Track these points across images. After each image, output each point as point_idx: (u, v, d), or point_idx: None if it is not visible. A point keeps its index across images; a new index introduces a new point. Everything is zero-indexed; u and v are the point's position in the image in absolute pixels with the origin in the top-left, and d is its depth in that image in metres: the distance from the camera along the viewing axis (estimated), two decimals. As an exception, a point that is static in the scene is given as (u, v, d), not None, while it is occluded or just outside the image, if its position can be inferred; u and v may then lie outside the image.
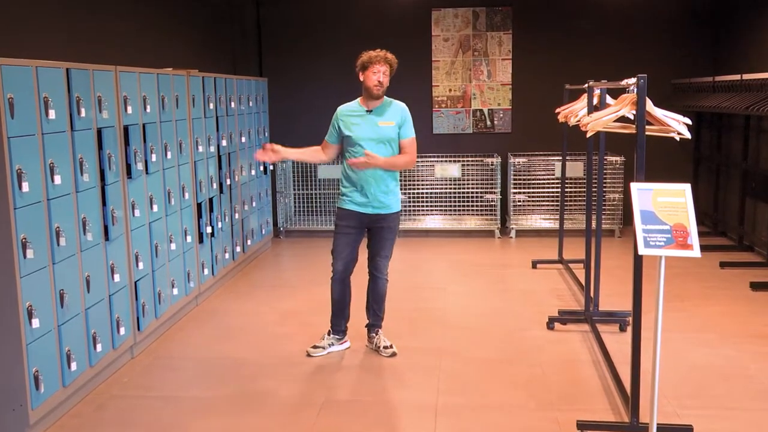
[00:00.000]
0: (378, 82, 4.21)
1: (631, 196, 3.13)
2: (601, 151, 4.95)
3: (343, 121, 4.28)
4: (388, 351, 4.49)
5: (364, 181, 4.26)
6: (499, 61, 8.21)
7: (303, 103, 8.24)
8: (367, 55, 4.25)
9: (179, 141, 5.09)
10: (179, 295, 5.10)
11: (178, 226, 5.07)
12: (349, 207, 4.30)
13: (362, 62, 4.25)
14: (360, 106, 4.31)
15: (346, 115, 4.30)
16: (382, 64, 4.24)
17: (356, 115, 4.29)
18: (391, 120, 4.32)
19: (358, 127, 4.26)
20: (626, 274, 5.93)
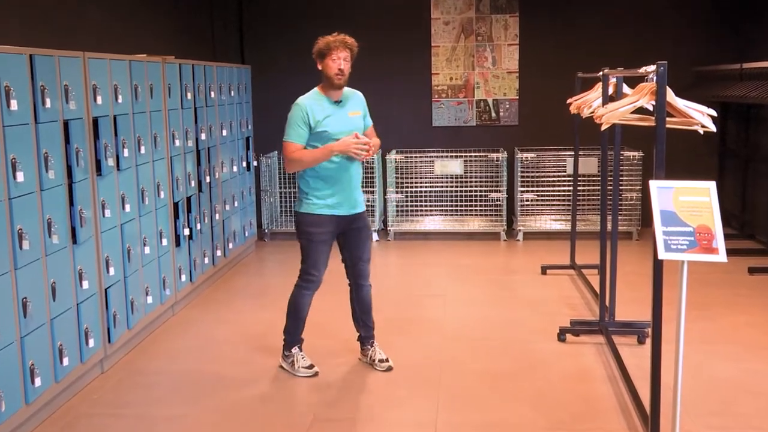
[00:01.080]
0: (339, 71, 4.14)
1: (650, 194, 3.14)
2: (617, 146, 4.96)
3: (314, 115, 4.15)
4: (383, 365, 4.49)
5: (341, 178, 4.22)
6: (504, 46, 8.22)
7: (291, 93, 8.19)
8: (323, 42, 4.17)
9: (154, 134, 5.09)
10: (154, 304, 5.09)
11: (152, 228, 5.06)
12: (323, 212, 4.22)
13: (319, 50, 4.17)
14: (323, 97, 4.22)
15: (316, 108, 4.17)
16: (342, 50, 4.16)
17: (326, 107, 4.20)
18: (358, 109, 4.35)
19: (332, 121, 4.20)
20: (645, 280, 5.94)
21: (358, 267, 4.42)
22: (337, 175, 4.21)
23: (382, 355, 4.55)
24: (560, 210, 8.02)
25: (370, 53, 8.41)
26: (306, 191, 4.24)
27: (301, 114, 4.16)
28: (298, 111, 4.17)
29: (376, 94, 8.42)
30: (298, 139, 4.16)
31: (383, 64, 8.32)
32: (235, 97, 6.89)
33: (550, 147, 8.08)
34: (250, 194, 7.37)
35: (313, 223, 4.23)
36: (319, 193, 4.22)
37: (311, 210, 4.23)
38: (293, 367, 4.44)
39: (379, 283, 6.49)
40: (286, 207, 8.30)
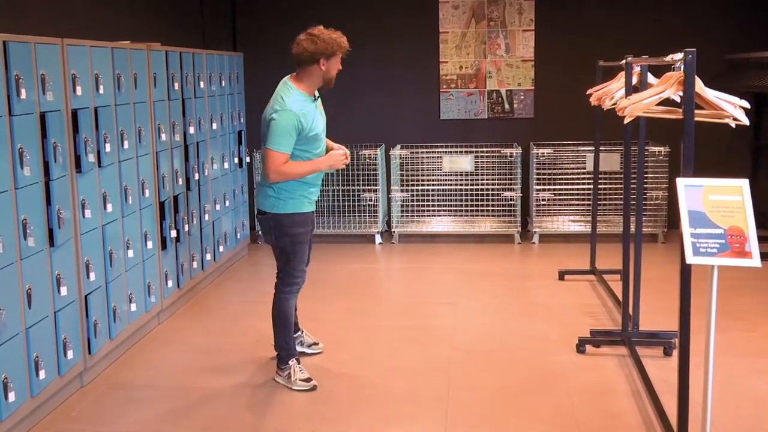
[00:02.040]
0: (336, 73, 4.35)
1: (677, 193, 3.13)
2: (641, 140, 4.95)
3: (305, 120, 4.21)
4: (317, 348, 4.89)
5: (319, 178, 4.44)
6: (519, 32, 8.22)
7: (285, 83, 8.23)
8: (335, 42, 4.24)
9: (138, 128, 5.09)
10: (138, 312, 5.10)
11: (136, 230, 5.06)
12: (307, 209, 4.41)
13: (329, 49, 4.23)
14: (305, 95, 4.29)
15: (307, 112, 4.23)
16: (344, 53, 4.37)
17: (310, 107, 4.29)
18: (320, 101, 4.49)
19: (318, 121, 4.34)
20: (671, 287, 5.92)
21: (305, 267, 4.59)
22: (316, 176, 4.43)
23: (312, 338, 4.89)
24: (579, 210, 8.01)
25: (371, 40, 8.43)
26: (288, 191, 4.31)
27: (295, 123, 4.17)
28: (291, 119, 4.16)
29: (378, 84, 8.48)
30: (287, 149, 4.19)
31: (386, 52, 8.32)
32: (226, 87, 6.89)
33: (569, 142, 8.07)
34: (243, 193, 7.38)
35: (300, 222, 4.37)
36: (304, 191, 4.36)
37: (297, 209, 4.34)
38: (289, 379, 4.45)
39: (382, 290, 6.50)
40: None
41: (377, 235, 7.99)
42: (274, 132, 4.15)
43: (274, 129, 4.15)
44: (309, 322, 5.16)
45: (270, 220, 4.36)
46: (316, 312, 5.61)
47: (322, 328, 5.30)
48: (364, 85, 8.33)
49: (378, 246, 7.91)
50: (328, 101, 4.75)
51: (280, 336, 4.51)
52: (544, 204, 7.95)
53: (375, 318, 5.66)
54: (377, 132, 8.34)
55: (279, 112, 4.16)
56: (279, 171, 4.18)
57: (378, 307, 5.92)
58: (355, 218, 8.16)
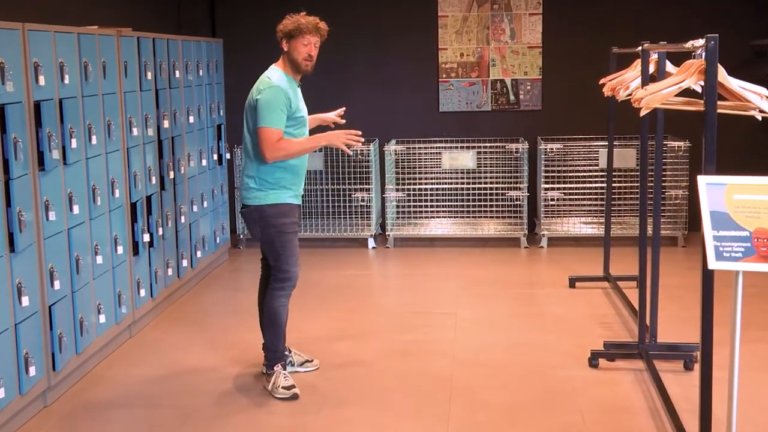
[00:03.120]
0: (309, 56, 4.48)
1: (699, 192, 3.14)
2: (659, 135, 4.95)
3: (292, 98, 4.44)
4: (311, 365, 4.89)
5: (304, 166, 4.60)
6: (525, 16, 8.23)
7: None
8: (293, 22, 4.46)
9: (107, 121, 5.08)
10: (107, 324, 5.09)
11: (105, 234, 5.05)
12: (291, 201, 4.55)
13: (288, 31, 4.46)
14: (290, 78, 4.52)
15: (290, 91, 4.45)
16: (314, 35, 4.48)
17: (295, 89, 4.52)
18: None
19: (302, 104, 4.58)
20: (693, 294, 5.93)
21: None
22: (303, 163, 4.59)
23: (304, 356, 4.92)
24: (592, 211, 8.02)
25: (363, 25, 8.43)
26: (270, 182, 4.48)
27: (283, 98, 4.39)
28: (280, 94, 4.38)
29: (372, 74, 8.48)
30: (280, 125, 4.39)
31: (380, 38, 8.33)
32: (204, 77, 6.89)
33: (580, 136, 8.08)
34: (222, 193, 7.37)
35: (284, 213, 4.52)
36: (286, 182, 4.51)
37: (280, 200, 4.50)
38: (273, 386, 4.53)
39: (376, 299, 6.50)
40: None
41: (370, 239, 7.99)
42: (263, 109, 4.36)
43: (263, 106, 4.36)
44: (295, 334, 5.16)
45: (253, 213, 4.53)
46: (302, 324, 5.60)
47: (310, 342, 5.30)
48: (355, 75, 8.34)
49: (371, 251, 7.91)
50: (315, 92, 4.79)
51: (268, 336, 4.65)
52: (553, 204, 7.95)
53: (368, 330, 5.66)
54: (370, 126, 8.32)
55: (265, 90, 4.39)
56: (276, 147, 4.36)
57: (371, 319, 5.92)
58: (346, 220, 8.16)
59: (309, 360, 4.92)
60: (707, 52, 3.39)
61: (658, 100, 3.85)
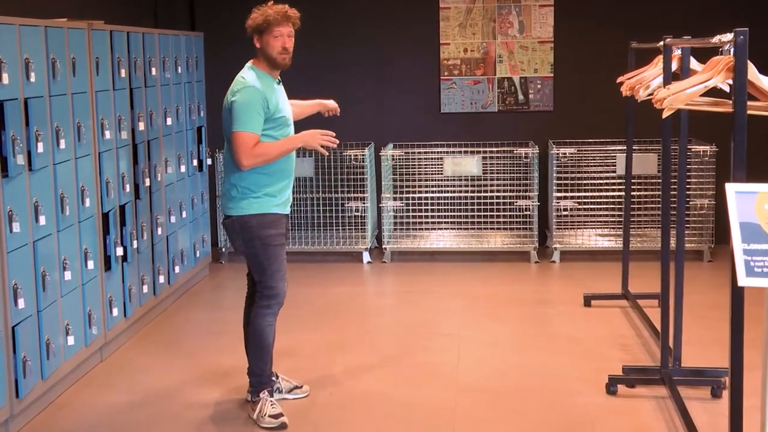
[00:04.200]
0: (283, 50, 4.49)
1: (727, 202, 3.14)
2: (683, 138, 4.96)
3: (270, 99, 4.47)
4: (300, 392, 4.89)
5: (291, 171, 4.63)
6: (535, 8, 8.26)
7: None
8: (261, 15, 4.48)
9: (77, 123, 5.08)
10: (76, 346, 5.08)
11: (75, 247, 5.05)
12: (277, 210, 4.56)
13: (256, 25, 4.49)
14: (267, 76, 4.54)
15: (267, 90, 4.48)
16: (284, 25, 4.49)
17: (274, 88, 4.55)
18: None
19: (284, 104, 4.61)
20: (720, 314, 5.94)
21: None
22: (288, 168, 4.59)
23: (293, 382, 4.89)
24: (608, 222, 8.03)
25: (357, 18, 8.44)
26: (254, 190, 4.49)
27: (260, 99, 4.42)
28: (256, 95, 4.41)
29: (366, 71, 8.49)
30: (257, 129, 4.42)
31: (375, 32, 8.34)
32: (183, 74, 6.89)
33: (595, 140, 8.09)
34: (203, 202, 7.37)
35: (269, 224, 4.53)
36: (269, 189, 4.53)
37: (264, 209, 4.51)
38: (259, 415, 4.53)
39: (371, 319, 6.50)
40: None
41: (365, 253, 7.99)
42: (238, 112, 4.38)
43: (237, 109, 4.38)
44: (283, 358, 5.15)
45: (236, 224, 4.54)
46: (291, 346, 5.60)
47: (300, 366, 5.29)
48: (348, 72, 8.34)
49: (366, 266, 7.91)
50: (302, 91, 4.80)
51: (254, 359, 4.64)
52: (566, 215, 7.96)
53: (363, 353, 5.66)
54: (365, 128, 8.35)
55: (240, 91, 4.42)
56: (253, 153, 4.38)
57: (366, 341, 5.91)
58: (338, 232, 8.16)
59: (298, 386, 4.92)
60: (736, 48, 3.40)
61: (681, 101, 3.86)
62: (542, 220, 8.13)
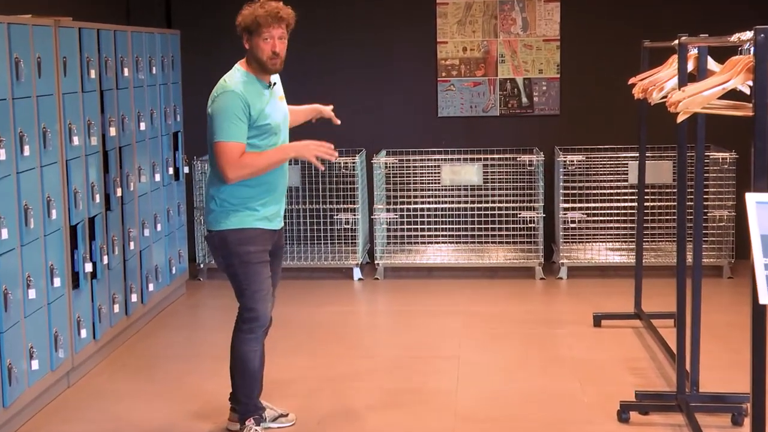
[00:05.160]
0: (273, 54, 4.41)
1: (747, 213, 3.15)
2: (700, 144, 4.98)
3: (252, 103, 4.41)
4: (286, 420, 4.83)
5: (279, 184, 4.58)
6: (540, 4, 8.28)
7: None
8: (250, 15, 4.40)
9: (42, 128, 5.08)
10: (41, 371, 5.06)
11: (39, 263, 5.04)
12: (259, 225, 4.51)
13: (246, 25, 4.42)
14: (255, 79, 4.49)
15: (251, 95, 4.43)
16: (276, 27, 4.41)
17: (261, 93, 4.49)
18: (282, 93, 4.70)
19: (272, 110, 4.53)
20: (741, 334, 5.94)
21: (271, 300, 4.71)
22: (275, 180, 4.55)
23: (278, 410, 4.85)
24: (620, 236, 8.03)
25: (347, 16, 8.45)
26: (233, 202, 4.46)
27: (240, 104, 4.36)
28: (235, 100, 4.36)
29: (357, 72, 8.50)
30: (240, 138, 4.36)
31: (367, 30, 8.35)
32: (158, 75, 6.90)
33: (605, 146, 8.11)
34: (179, 214, 7.37)
35: (248, 240, 4.48)
36: (253, 202, 4.48)
37: (244, 224, 4.47)
38: None
39: (363, 341, 6.50)
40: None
41: (356, 269, 7.99)
42: (217, 119, 4.35)
43: (216, 117, 4.36)
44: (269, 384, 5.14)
45: (215, 239, 4.53)
46: (278, 370, 5.59)
47: (286, 392, 5.29)
48: (338, 73, 8.35)
49: (357, 283, 7.91)
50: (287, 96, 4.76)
51: (238, 388, 4.62)
52: (574, 227, 7.97)
53: (354, 377, 5.65)
54: (355, 134, 8.34)
55: (218, 97, 4.39)
56: (239, 164, 4.34)
57: (357, 364, 5.91)
58: (327, 247, 8.16)
59: (284, 414, 4.90)
60: (756, 47, 3.41)
61: (698, 104, 3.88)
62: (548, 234, 8.14)
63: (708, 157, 7.63)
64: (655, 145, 7.63)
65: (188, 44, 7.83)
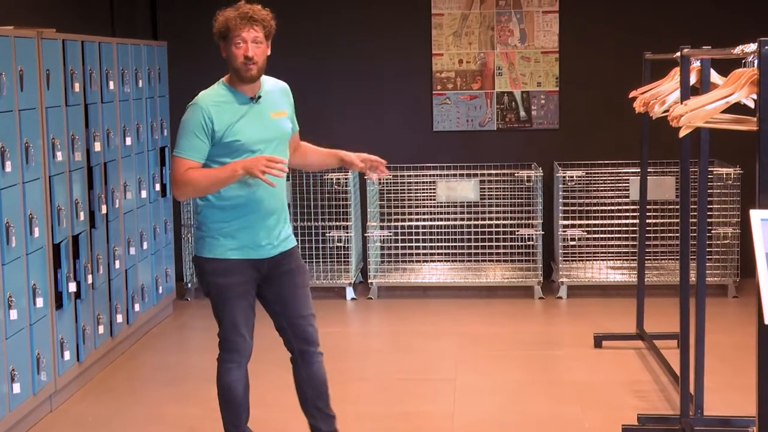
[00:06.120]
0: (246, 59, 4.20)
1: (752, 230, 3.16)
2: (704, 160, 4.99)
3: (218, 118, 4.21)
4: None
5: (255, 208, 4.28)
6: (538, 15, 8.30)
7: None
8: (221, 19, 4.24)
9: (25, 143, 5.08)
10: (23, 395, 5.05)
11: (21, 282, 5.03)
12: (235, 256, 4.29)
13: (217, 31, 4.26)
14: (233, 92, 4.31)
15: (223, 109, 4.25)
16: (250, 29, 4.21)
17: (236, 107, 4.28)
18: (283, 108, 4.45)
19: (247, 126, 4.26)
20: (746, 356, 5.95)
21: (298, 328, 4.45)
22: (251, 202, 4.28)
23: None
24: (621, 254, 8.04)
25: (339, 27, 8.46)
26: (209, 226, 4.31)
27: (200, 118, 4.21)
28: (196, 114, 4.22)
29: (350, 85, 8.50)
30: (192, 154, 4.20)
31: (360, 41, 8.36)
32: (144, 88, 6.90)
33: (606, 161, 8.12)
34: (166, 231, 7.36)
35: (222, 271, 4.30)
36: (227, 228, 4.29)
37: (214, 253, 4.30)
38: None
39: (355, 363, 6.48)
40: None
41: (349, 288, 7.98)
42: (178, 132, 4.26)
43: (179, 130, 4.26)
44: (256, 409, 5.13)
45: (195, 263, 4.45)
46: (264, 394, 5.58)
47: (274, 418, 5.27)
48: (329, 87, 8.36)
49: (350, 302, 7.90)
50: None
51: (225, 418, 4.51)
52: (574, 245, 7.97)
53: (346, 402, 5.63)
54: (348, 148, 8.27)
55: (186, 108, 4.29)
56: (180, 180, 4.20)
57: (350, 387, 5.89)
58: (319, 265, 8.15)
59: None
60: (761, 59, 3.43)
61: (701, 118, 3.89)
62: (547, 252, 8.14)
63: (712, 173, 7.64)
64: (657, 160, 7.65)
65: (175, 56, 7.83)
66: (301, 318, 4.44)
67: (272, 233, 4.34)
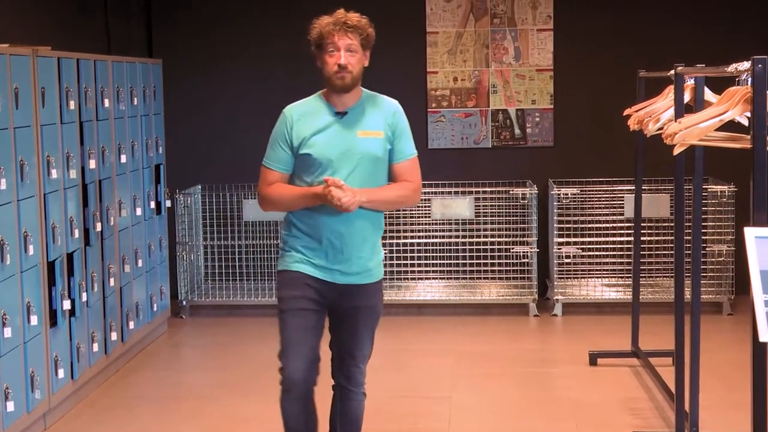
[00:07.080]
0: (339, 67, 4.08)
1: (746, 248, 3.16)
2: (698, 177, 5.00)
3: (298, 129, 4.08)
4: None
5: (335, 227, 4.06)
6: (533, 32, 8.32)
7: (224, 101, 8.23)
8: (316, 27, 4.10)
9: (20, 161, 5.08)
10: (17, 413, 5.04)
11: (16, 300, 5.03)
12: (299, 268, 4.11)
13: (313, 41, 4.13)
14: (323, 104, 4.17)
15: (308, 120, 4.11)
16: (344, 36, 4.09)
17: (319, 119, 4.12)
18: (377, 129, 4.22)
19: (323, 140, 4.07)
20: (741, 373, 5.95)
21: (346, 364, 4.32)
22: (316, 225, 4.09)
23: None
24: (616, 271, 8.04)
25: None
26: (285, 240, 4.19)
27: (283, 128, 4.11)
28: (281, 123, 4.14)
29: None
30: (277, 165, 4.10)
31: (356, 58, 8.37)
32: (139, 106, 6.90)
33: (600, 179, 8.12)
34: (161, 249, 7.35)
35: (286, 282, 4.15)
36: (297, 243, 4.12)
37: (286, 265, 4.14)
38: None
39: (351, 380, 6.45)
40: (213, 268, 8.25)
41: (344, 306, 7.96)
42: (268, 142, 4.18)
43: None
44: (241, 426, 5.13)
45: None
46: (255, 416, 5.57)
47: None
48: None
49: (345, 320, 7.88)
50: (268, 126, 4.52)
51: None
52: (569, 263, 7.98)
53: (341, 419, 5.63)
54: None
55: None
56: (260, 195, 4.16)
57: (345, 404, 5.89)
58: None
59: None
60: (754, 77, 3.44)
61: (695, 136, 3.90)
62: (542, 269, 8.14)
63: (706, 190, 7.66)
64: (651, 177, 7.66)
65: (170, 74, 7.82)
66: (351, 357, 4.32)
67: (346, 260, 4.11)
